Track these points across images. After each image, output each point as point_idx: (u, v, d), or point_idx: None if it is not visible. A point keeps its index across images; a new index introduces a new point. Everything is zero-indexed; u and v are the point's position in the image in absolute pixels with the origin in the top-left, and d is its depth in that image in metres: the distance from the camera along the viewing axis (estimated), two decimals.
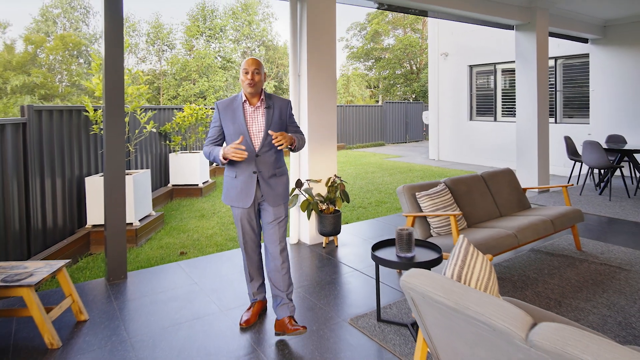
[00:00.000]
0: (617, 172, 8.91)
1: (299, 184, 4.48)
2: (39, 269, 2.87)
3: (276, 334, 2.79)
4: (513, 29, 7.53)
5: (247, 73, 2.73)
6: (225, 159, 2.70)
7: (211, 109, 9.79)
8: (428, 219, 3.82)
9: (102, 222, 5.20)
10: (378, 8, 6.14)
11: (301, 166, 4.83)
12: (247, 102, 2.82)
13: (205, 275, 3.89)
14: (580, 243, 4.45)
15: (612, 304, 3.20)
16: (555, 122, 9.95)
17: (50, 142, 4.98)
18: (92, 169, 5.87)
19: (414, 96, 27.06)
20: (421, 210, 3.82)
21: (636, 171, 7.45)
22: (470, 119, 11.99)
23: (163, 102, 22.61)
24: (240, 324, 2.95)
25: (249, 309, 3.07)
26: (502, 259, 4.24)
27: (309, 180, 4.66)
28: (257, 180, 2.79)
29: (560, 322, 1.71)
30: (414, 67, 27.92)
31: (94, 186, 5.33)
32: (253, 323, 3.00)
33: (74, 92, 20.02)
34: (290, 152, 3.00)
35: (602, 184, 7.29)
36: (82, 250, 5.11)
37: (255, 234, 2.95)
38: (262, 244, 3.02)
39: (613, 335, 2.80)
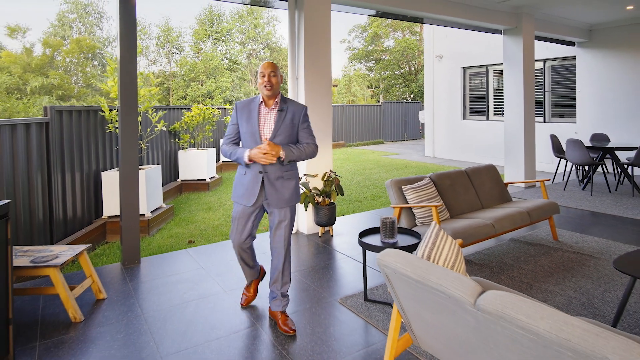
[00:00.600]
0: (602, 169, 9.14)
1: None
2: (63, 252, 3.09)
3: (269, 318, 2.97)
4: (501, 34, 7.65)
5: (264, 76, 2.77)
6: (250, 160, 2.71)
7: (218, 108, 10.14)
8: (413, 210, 4.06)
9: (118, 213, 5.46)
10: (375, 15, 6.27)
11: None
12: (264, 103, 2.84)
13: (211, 261, 4.09)
14: (556, 233, 4.62)
15: (579, 287, 3.39)
16: (544, 122, 10.12)
17: (70, 139, 5.22)
18: (107, 164, 6.13)
19: (412, 96, 27.23)
20: (407, 202, 4.08)
21: (618, 168, 7.74)
22: (464, 118, 12.14)
23: (172, 102, 22.82)
24: (241, 304, 3.16)
25: (247, 290, 3.23)
26: (483, 247, 4.43)
27: (306, 174, 4.86)
28: (262, 181, 2.78)
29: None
30: (412, 68, 27.93)
31: (110, 180, 5.59)
32: (252, 300, 3.19)
33: (89, 92, 20.28)
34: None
35: (585, 180, 7.46)
36: (99, 239, 5.38)
37: (248, 235, 2.90)
38: (253, 241, 2.99)
39: (575, 314, 2.91)
